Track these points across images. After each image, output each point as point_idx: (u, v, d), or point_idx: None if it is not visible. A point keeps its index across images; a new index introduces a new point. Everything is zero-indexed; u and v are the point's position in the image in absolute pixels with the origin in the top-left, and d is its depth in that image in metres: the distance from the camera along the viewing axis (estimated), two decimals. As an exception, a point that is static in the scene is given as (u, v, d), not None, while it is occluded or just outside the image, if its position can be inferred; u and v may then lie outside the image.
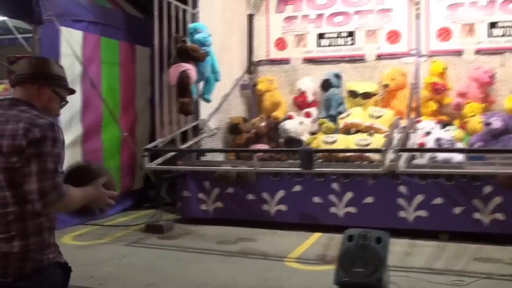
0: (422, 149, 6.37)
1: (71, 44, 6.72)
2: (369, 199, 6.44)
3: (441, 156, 6.44)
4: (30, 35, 6.68)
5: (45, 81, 2.32)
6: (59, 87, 2.38)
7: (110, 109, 7.20)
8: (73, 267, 2.38)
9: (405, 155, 5.91)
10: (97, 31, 7.47)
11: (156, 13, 6.93)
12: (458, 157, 6.09)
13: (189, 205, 7.23)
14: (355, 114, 7.65)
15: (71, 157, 6.93)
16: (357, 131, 7.44)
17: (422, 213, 6.20)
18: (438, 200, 6.12)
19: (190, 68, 6.81)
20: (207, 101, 7.46)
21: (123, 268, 5.23)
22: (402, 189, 6.28)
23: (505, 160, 5.43)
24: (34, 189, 2.05)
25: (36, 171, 2.06)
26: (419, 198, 6.21)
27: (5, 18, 6.69)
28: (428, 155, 6.55)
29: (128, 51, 8.07)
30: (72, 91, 2.50)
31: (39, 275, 2.10)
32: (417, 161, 6.59)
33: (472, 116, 7.25)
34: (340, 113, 7.97)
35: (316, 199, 6.67)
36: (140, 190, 8.30)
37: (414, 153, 6.54)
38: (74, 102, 6.97)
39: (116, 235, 6.60)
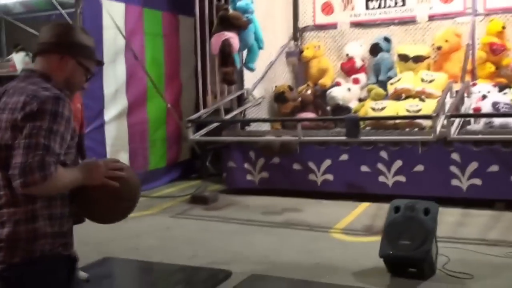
0: (475, 114, 6.01)
1: (113, 17, 6.70)
2: (419, 168, 6.18)
3: (497, 121, 6.07)
4: (71, 10, 6.69)
5: (69, 50, 2.02)
6: (84, 58, 2.06)
7: (153, 81, 7.17)
8: (119, 239, 2.20)
9: (457, 121, 5.58)
10: (139, 3, 7.42)
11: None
12: (516, 122, 5.73)
13: (234, 176, 7.18)
14: (406, 79, 7.32)
15: (117, 130, 7.02)
16: (408, 97, 7.13)
17: (476, 181, 5.90)
18: (493, 168, 5.80)
19: (232, 37, 6.65)
20: (251, 69, 7.30)
21: (167, 240, 5.25)
22: (455, 156, 5.98)
23: None
24: (18, 163, 1.75)
25: (24, 144, 1.77)
26: (473, 165, 5.91)
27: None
28: (483, 120, 6.19)
29: (171, 21, 8.00)
30: (99, 63, 2.21)
31: (28, 267, 1.85)
32: (472, 126, 6.24)
33: (533, 77, 6.79)
34: (390, 78, 7.64)
35: (364, 168, 6.46)
36: (187, 161, 8.32)
37: (468, 119, 6.21)
38: (119, 74, 7.01)
39: (162, 206, 6.64)
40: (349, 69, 8.29)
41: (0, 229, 1.85)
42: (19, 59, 8.19)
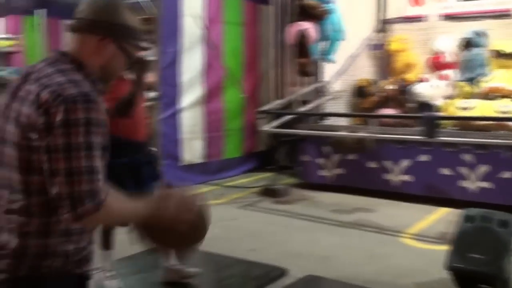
0: None
1: (192, 4, 6.72)
2: (507, 174, 5.67)
3: None
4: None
5: (110, 31, 1.70)
6: (128, 42, 1.74)
7: (229, 70, 7.14)
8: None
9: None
10: (220, -10, 7.40)
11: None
12: None
13: (308, 170, 7.01)
14: (499, 77, 6.80)
15: (193, 117, 7.07)
16: (501, 96, 6.60)
17: None
18: None
19: (309, 27, 6.47)
20: (330, 61, 7.07)
21: (231, 231, 5.19)
22: (548, 163, 5.43)
23: None
24: (64, 194, 1.49)
25: (65, 171, 1.49)
26: None
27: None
28: None
29: (251, 10, 7.92)
30: (144, 48, 1.92)
31: (32, 284, 1.60)
32: None
33: None
34: (481, 75, 7.11)
35: (445, 171, 6.05)
36: (265, 152, 8.23)
37: None
38: (195, 62, 7.03)
39: (233, 196, 6.61)
40: (437, 64, 7.80)
41: (9, 236, 1.59)
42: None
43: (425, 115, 5.38)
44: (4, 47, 9.79)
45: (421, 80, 7.58)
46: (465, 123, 6.29)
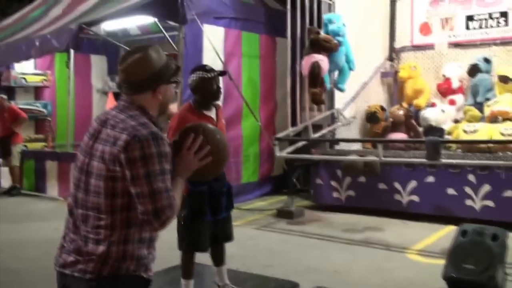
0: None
1: (213, 41, 7.25)
2: (509, 193, 5.99)
3: None
4: (175, 32, 7.35)
5: (158, 81, 2.13)
6: (170, 76, 2.16)
7: (247, 101, 7.62)
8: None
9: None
10: (238, 26, 7.93)
11: (289, 6, 7.16)
12: None
13: (321, 193, 7.39)
14: (504, 101, 7.13)
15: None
16: (505, 120, 6.92)
17: None
18: None
19: (322, 59, 6.90)
20: (341, 90, 7.49)
21: (248, 249, 5.58)
22: (547, 183, 5.73)
23: None
24: (150, 211, 1.99)
25: (149, 192, 1.98)
26: None
27: (155, 19, 7.45)
28: None
29: (268, 43, 8.44)
30: (178, 68, 2.24)
31: (113, 281, 2.06)
32: None
33: None
34: (488, 100, 7.46)
35: (450, 191, 6.39)
36: (280, 176, 8.65)
37: None
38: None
39: (249, 218, 7.01)
40: (445, 90, 8.17)
41: (96, 246, 2.03)
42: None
43: (428, 139, 5.74)
44: (35, 82, 10.34)
45: (430, 105, 7.96)
46: (470, 145, 6.62)
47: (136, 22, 8.32)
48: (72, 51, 8.05)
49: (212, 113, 3.93)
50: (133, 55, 2.12)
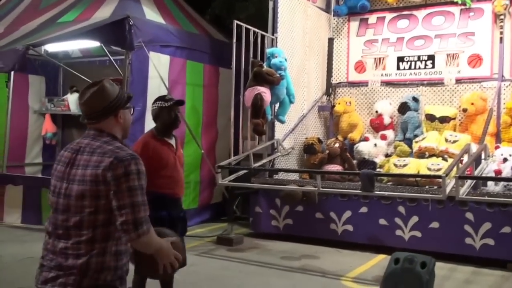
0: (479, 177, 6.20)
1: (158, 68, 7.38)
2: (434, 224, 6.43)
3: (516, 184, 6.29)
4: (120, 57, 7.43)
5: (117, 107, 2.44)
6: (125, 102, 2.49)
7: (190, 128, 7.75)
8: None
9: (469, 182, 5.85)
10: (183, 55, 8.10)
11: (235, 39, 7.42)
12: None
13: (260, 221, 7.59)
14: (431, 138, 7.63)
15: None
16: (432, 155, 7.42)
17: (489, 241, 6.10)
18: (506, 229, 6.00)
19: (264, 91, 7.19)
20: (281, 122, 7.79)
21: (189, 275, 5.62)
22: (469, 215, 6.22)
23: None
24: (129, 220, 2.25)
25: (129, 204, 2.25)
26: (486, 225, 6.12)
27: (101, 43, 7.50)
28: (502, 182, 6.41)
29: (212, 73, 8.65)
30: (130, 97, 2.58)
31: None
32: (491, 188, 6.48)
33: (554, 143, 6.98)
34: (416, 136, 7.98)
35: (382, 221, 6.76)
36: (219, 203, 8.78)
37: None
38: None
39: (190, 245, 7.06)
40: (377, 125, 8.68)
41: (76, 260, 2.26)
42: (73, 100, 9.01)
43: (363, 172, 6.10)
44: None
45: (363, 139, 8.42)
46: (400, 179, 7.05)
47: (79, 45, 8.29)
48: (12, 72, 7.91)
49: (172, 141, 4.15)
50: (91, 89, 2.43)
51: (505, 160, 6.87)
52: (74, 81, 8.86)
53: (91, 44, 7.82)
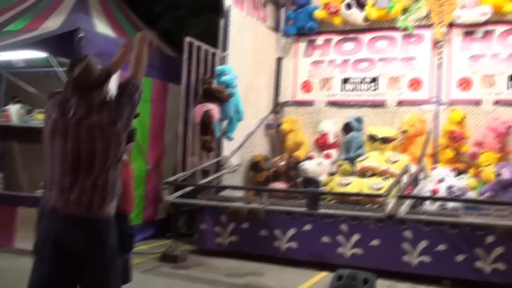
0: (419, 196, 6.52)
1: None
2: (375, 242, 6.63)
3: (450, 204, 6.58)
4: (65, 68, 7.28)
5: (103, 80, 3.11)
6: (108, 76, 3.18)
7: (137, 142, 7.69)
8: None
9: (409, 201, 6.10)
10: (131, 69, 8.03)
11: (185, 55, 7.46)
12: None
13: (205, 237, 7.58)
14: (372, 158, 7.88)
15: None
16: (373, 175, 7.67)
17: (426, 258, 6.34)
18: (441, 247, 6.26)
19: (213, 108, 7.25)
20: (229, 139, 7.86)
21: (133, 293, 5.58)
22: (408, 234, 6.45)
23: (499, 212, 5.56)
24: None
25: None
26: (423, 243, 6.37)
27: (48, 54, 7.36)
28: (438, 202, 6.71)
29: (160, 88, 8.62)
30: (110, 71, 3.22)
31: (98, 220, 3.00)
32: (428, 207, 6.76)
33: (487, 165, 7.34)
34: (358, 156, 8.21)
35: (325, 239, 6.91)
36: (164, 220, 8.71)
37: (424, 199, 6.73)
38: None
39: (132, 262, 6.95)
40: (322, 144, 8.89)
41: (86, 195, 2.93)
42: (15, 110, 8.75)
43: (308, 190, 6.24)
44: None
45: (308, 158, 8.59)
46: (342, 197, 7.25)
47: (25, 55, 8.09)
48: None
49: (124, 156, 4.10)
50: (78, 65, 2.88)
51: (441, 180, 7.20)
52: (16, 91, 8.62)
53: (37, 54, 7.65)
